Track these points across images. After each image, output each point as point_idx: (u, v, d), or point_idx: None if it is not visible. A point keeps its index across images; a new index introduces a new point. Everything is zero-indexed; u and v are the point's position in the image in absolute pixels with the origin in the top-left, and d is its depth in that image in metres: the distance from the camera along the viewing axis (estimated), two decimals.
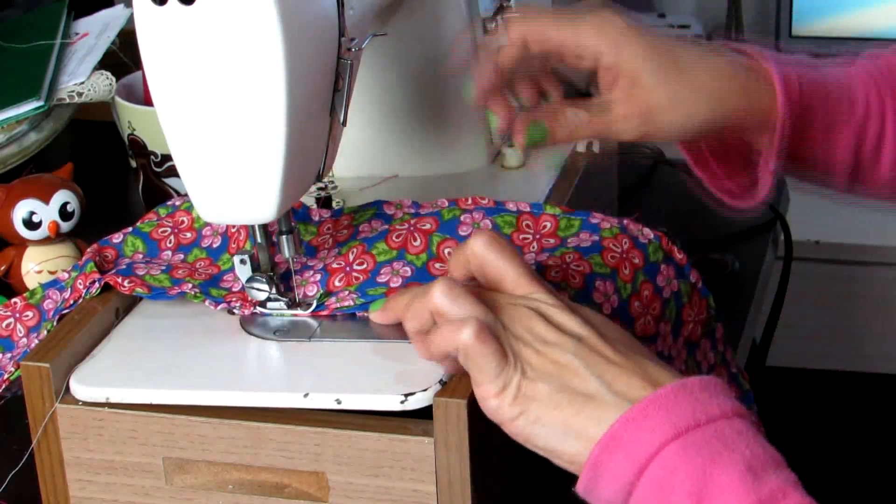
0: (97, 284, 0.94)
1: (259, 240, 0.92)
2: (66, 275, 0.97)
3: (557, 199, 1.07)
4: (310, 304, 0.93)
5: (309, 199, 1.10)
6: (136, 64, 1.25)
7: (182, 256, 0.99)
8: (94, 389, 0.87)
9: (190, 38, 0.82)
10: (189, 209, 1.02)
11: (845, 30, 2.40)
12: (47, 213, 1.13)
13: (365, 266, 0.94)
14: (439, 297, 0.80)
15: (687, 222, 1.22)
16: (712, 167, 1.00)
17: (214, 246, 1.00)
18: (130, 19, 1.37)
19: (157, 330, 0.93)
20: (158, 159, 1.23)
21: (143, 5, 0.83)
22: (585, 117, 0.93)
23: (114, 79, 1.30)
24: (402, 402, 0.82)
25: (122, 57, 1.34)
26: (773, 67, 0.95)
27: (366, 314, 0.91)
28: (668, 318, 0.94)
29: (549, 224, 0.97)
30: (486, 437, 0.85)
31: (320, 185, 1.11)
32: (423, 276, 0.93)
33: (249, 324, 0.93)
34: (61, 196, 1.13)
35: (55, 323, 0.92)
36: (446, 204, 0.98)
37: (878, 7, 2.39)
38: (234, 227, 0.99)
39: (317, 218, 1.01)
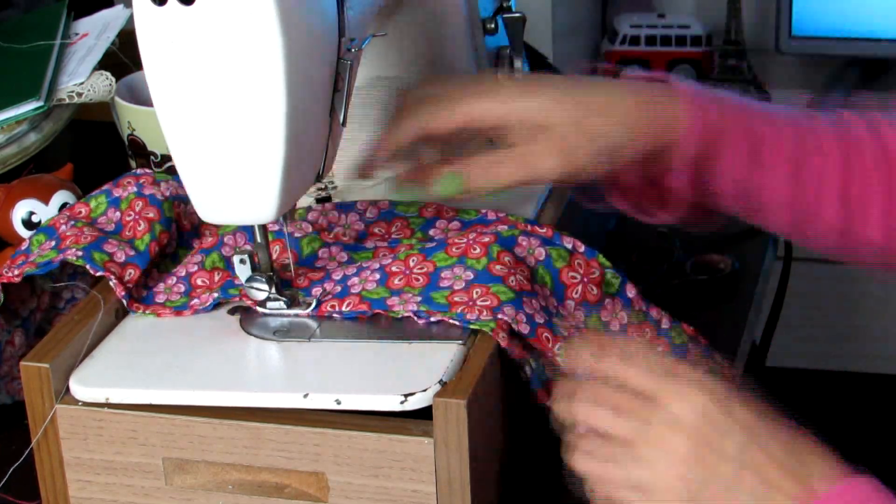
0: None
1: (259, 240, 0.92)
2: None
3: (553, 206, 1.07)
4: (309, 304, 0.93)
5: (309, 200, 1.10)
6: (136, 64, 1.24)
7: (73, 224, 0.98)
8: (93, 390, 0.87)
9: (190, 38, 0.82)
10: (87, 201, 1.01)
11: (845, 30, 2.40)
12: (47, 213, 1.13)
13: (425, 269, 0.93)
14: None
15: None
16: (631, 196, 0.99)
17: (108, 230, 0.99)
18: (130, 19, 1.36)
19: (157, 330, 0.93)
20: (158, 159, 1.23)
21: (143, 5, 0.83)
22: (507, 161, 0.94)
23: (113, 79, 1.30)
24: (402, 403, 0.82)
25: (122, 57, 1.34)
26: (682, 88, 0.94)
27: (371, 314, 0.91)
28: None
29: (596, 272, 0.96)
30: (485, 438, 0.85)
31: (320, 185, 1.11)
32: (486, 279, 0.92)
33: (249, 324, 0.93)
34: (61, 196, 1.13)
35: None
36: (504, 226, 0.97)
37: (877, 8, 2.39)
38: (130, 215, 0.99)
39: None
